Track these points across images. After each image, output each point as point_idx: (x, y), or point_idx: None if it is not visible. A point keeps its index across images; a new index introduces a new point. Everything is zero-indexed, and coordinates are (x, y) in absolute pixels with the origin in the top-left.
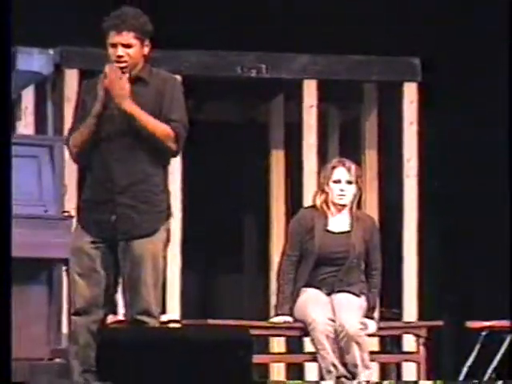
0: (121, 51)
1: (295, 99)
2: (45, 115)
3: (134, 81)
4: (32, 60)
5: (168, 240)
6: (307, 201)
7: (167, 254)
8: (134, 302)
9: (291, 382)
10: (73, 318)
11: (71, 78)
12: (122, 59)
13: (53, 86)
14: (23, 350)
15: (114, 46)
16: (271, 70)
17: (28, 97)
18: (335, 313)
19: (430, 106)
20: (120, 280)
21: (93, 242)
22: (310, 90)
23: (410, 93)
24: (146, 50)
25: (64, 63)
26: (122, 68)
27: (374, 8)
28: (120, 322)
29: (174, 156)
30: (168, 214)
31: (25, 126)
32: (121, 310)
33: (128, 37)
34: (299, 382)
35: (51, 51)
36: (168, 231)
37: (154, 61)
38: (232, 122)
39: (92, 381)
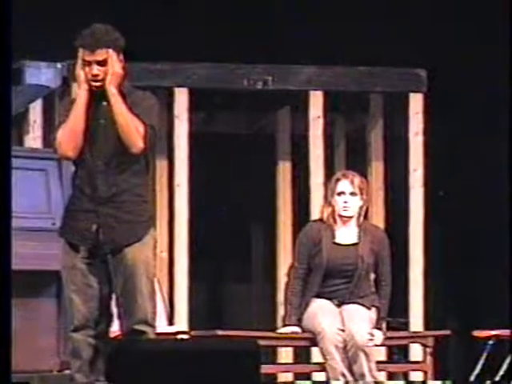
0: (96, 70)
1: (301, 110)
2: (53, 129)
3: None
4: (40, 74)
5: (155, 247)
6: (314, 211)
7: (157, 263)
8: (131, 312)
9: (301, 382)
10: (72, 334)
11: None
12: (98, 78)
13: (61, 99)
14: (32, 362)
15: (89, 64)
16: (277, 81)
17: (36, 110)
18: (344, 323)
19: (436, 117)
20: (114, 292)
21: (84, 258)
22: (316, 101)
23: (416, 103)
24: (120, 65)
25: (72, 77)
26: (97, 87)
27: (380, 19)
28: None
29: (139, 154)
30: (151, 224)
31: (33, 139)
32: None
33: (102, 54)
34: (308, 382)
35: (59, 65)
36: (154, 238)
37: (162, 74)
38: (239, 134)
39: None
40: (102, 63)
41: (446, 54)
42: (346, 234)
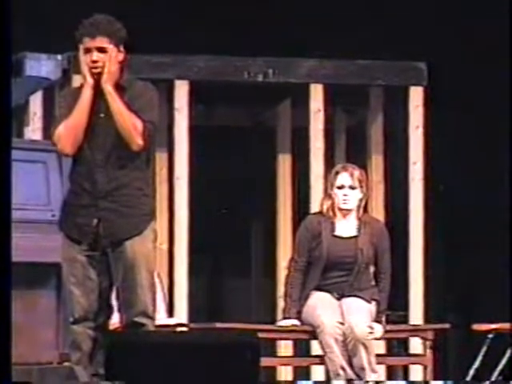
0: (95, 56)
1: (302, 104)
2: (53, 120)
3: (115, 88)
4: (40, 65)
5: (155, 240)
6: (314, 205)
7: (157, 255)
8: (130, 304)
9: (303, 382)
10: (72, 326)
11: (79, 83)
12: (97, 64)
13: (61, 91)
14: (32, 354)
15: (89, 50)
16: (278, 74)
17: (36, 102)
18: (344, 316)
19: (436, 110)
20: (114, 285)
21: (84, 250)
22: (316, 95)
23: (416, 97)
24: (121, 56)
25: (72, 69)
26: (96, 74)
27: (380, 13)
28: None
29: (139, 151)
30: (151, 217)
31: (33, 131)
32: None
33: (102, 41)
34: (310, 382)
35: (59, 57)
36: (155, 232)
37: (162, 66)
38: (239, 127)
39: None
40: (102, 50)
41: (446, 47)
42: (346, 227)
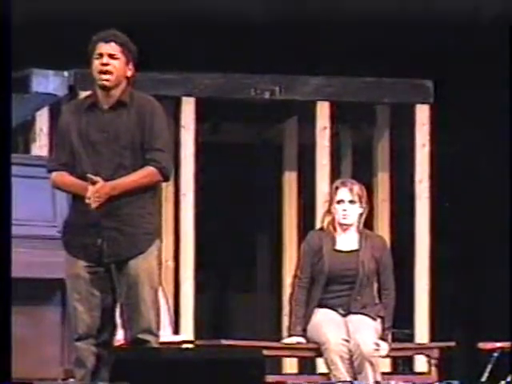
0: (105, 59)
1: (308, 121)
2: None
3: (116, 105)
4: (47, 82)
5: (159, 257)
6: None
7: (162, 272)
8: (134, 321)
9: None
10: (76, 343)
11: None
12: (107, 67)
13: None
14: (37, 370)
15: (101, 55)
16: (285, 91)
17: (42, 118)
18: (350, 333)
19: (442, 128)
20: (117, 301)
21: (87, 267)
22: (323, 112)
23: (423, 115)
24: (129, 72)
25: (78, 85)
26: (105, 80)
27: (387, 30)
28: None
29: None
30: (155, 236)
31: (39, 147)
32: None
33: (115, 47)
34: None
35: (66, 73)
36: (159, 249)
37: (169, 83)
38: (246, 144)
39: None
40: (113, 57)
41: (452, 65)
42: (347, 241)
